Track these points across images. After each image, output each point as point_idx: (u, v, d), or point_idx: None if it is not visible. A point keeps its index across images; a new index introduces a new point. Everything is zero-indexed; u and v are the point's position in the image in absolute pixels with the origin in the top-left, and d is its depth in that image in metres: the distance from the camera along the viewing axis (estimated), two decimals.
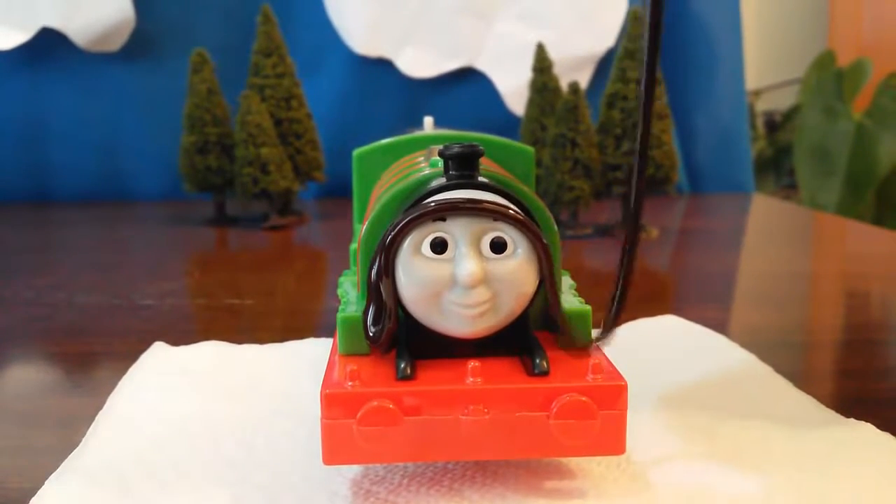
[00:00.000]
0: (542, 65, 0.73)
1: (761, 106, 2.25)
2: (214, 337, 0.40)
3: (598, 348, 0.25)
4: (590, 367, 0.23)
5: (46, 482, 0.25)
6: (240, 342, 0.39)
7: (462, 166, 0.25)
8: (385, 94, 0.91)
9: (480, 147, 0.25)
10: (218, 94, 0.76)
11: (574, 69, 0.87)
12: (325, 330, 0.42)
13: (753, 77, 1.64)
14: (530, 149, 0.34)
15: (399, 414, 0.22)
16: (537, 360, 0.23)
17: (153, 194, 0.93)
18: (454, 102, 0.91)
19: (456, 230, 0.23)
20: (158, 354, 0.37)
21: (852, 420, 0.29)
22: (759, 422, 0.29)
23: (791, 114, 2.21)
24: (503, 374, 0.23)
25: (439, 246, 0.23)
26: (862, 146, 2.02)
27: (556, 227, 0.26)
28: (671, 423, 0.29)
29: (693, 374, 0.34)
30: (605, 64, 0.90)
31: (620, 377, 0.23)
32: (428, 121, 0.41)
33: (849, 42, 2.27)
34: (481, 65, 0.90)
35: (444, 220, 0.23)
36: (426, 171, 0.27)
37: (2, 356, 0.40)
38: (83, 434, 0.29)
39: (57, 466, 0.26)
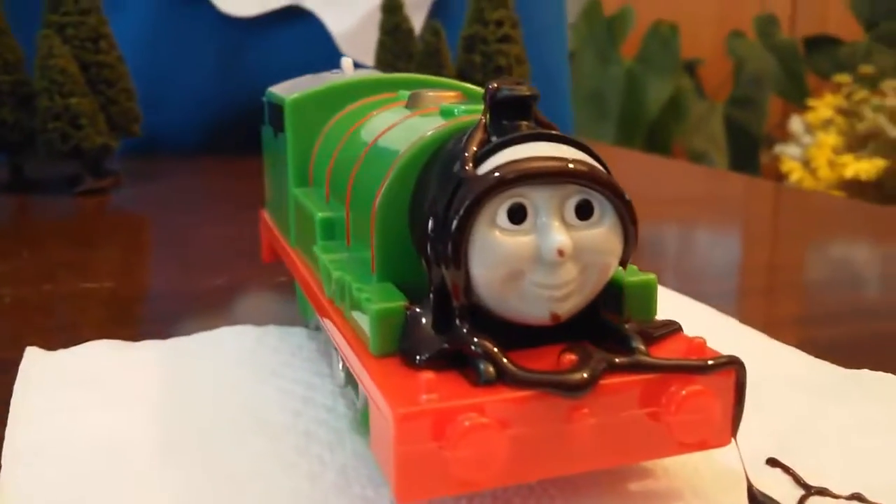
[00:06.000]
0: (392, 4, 0.67)
1: None
2: (86, 331, 0.32)
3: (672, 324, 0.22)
4: (690, 347, 0.20)
5: None
6: (126, 337, 0.32)
7: (514, 115, 0.20)
8: (200, 34, 0.81)
9: (537, 90, 0.20)
10: (7, 34, 0.63)
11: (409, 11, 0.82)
12: (220, 316, 0.35)
13: None
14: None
15: (498, 429, 0.17)
16: (634, 345, 0.20)
17: None
18: (280, 45, 0.82)
19: (536, 194, 0.19)
20: (39, 363, 0.29)
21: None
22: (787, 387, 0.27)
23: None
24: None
25: (518, 214, 0.19)
26: (632, 90, 2.15)
27: None
28: None
29: None
30: (439, 7, 0.86)
31: (731, 356, 0.20)
32: (347, 62, 0.36)
33: None
34: (309, 3, 0.83)
35: None
36: (437, 121, 0.22)
37: None
38: None
39: None
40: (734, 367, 0.19)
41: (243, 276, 0.42)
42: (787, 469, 0.22)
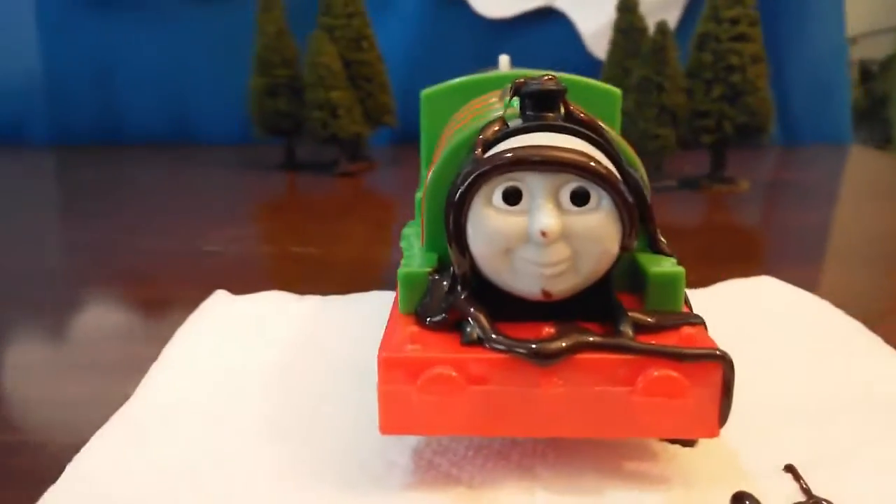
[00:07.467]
0: (628, 4, 0.68)
1: (856, 54, 2.11)
2: (278, 286, 0.38)
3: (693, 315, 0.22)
4: (681, 337, 0.20)
5: (93, 437, 0.24)
6: (303, 292, 0.37)
7: (540, 106, 0.22)
8: (459, 35, 0.88)
9: (563, 84, 0.22)
10: (287, 34, 0.74)
11: (662, 8, 0.82)
12: (390, 283, 0.40)
13: (849, 23, 1.54)
14: (616, 90, 0.31)
15: (463, 382, 0.20)
16: (621, 328, 0.21)
17: (222, 138, 0.92)
18: (531, 44, 0.87)
19: (531, 179, 0.20)
20: (219, 303, 0.35)
21: None
22: (866, 399, 0.26)
23: (889, 63, 2.07)
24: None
25: (512, 196, 0.21)
26: None
27: (646, 180, 0.23)
28: (769, 399, 0.26)
29: (794, 343, 0.30)
30: (695, 3, 0.84)
31: (717, 349, 0.20)
32: (504, 59, 0.38)
33: None
34: (561, 4, 0.86)
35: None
36: (499, 113, 0.25)
37: (66, 299, 0.40)
38: (136, 383, 0.28)
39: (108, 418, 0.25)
40: (718, 361, 0.20)
41: None
42: (798, 477, 0.21)
